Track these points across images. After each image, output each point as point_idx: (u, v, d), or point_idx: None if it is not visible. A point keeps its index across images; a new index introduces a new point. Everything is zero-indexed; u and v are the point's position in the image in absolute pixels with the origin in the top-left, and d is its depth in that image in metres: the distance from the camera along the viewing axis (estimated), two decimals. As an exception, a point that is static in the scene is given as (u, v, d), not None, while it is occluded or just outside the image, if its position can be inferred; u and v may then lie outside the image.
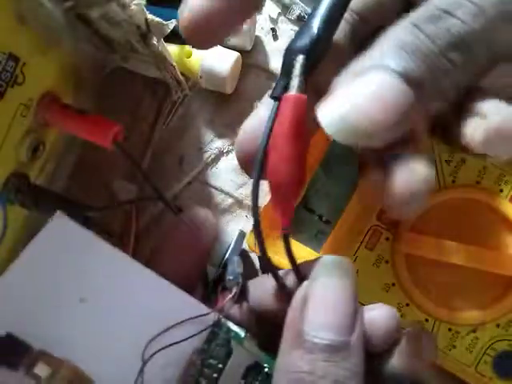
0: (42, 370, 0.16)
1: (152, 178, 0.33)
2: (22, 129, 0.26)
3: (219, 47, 0.33)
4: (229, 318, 0.21)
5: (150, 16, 0.26)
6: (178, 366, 0.19)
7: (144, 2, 0.25)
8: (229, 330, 0.20)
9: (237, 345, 0.20)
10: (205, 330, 0.20)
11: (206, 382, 0.19)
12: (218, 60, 0.32)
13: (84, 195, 0.32)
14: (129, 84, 0.34)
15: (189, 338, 0.19)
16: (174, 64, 0.30)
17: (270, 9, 0.36)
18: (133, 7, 0.24)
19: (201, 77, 0.32)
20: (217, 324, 0.20)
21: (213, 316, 0.20)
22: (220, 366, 0.19)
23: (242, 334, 0.21)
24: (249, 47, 0.35)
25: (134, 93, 0.34)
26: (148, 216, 0.34)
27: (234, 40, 0.34)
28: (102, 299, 0.20)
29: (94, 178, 0.34)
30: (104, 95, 0.33)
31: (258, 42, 0.35)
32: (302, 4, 0.35)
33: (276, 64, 0.35)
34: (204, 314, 0.20)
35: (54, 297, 0.20)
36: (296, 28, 0.35)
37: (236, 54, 0.33)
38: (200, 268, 0.28)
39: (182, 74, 0.32)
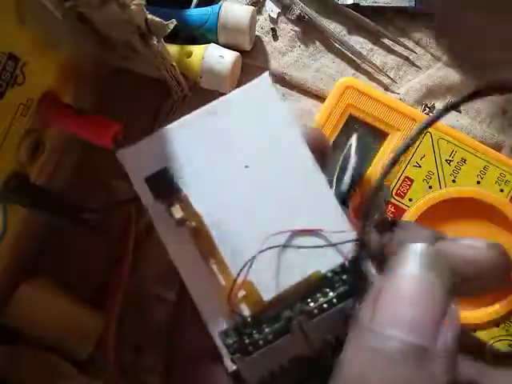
0: (177, 211, 0.18)
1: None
2: (21, 129, 0.26)
3: (219, 47, 0.33)
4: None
5: (149, 16, 0.26)
6: (291, 274, 0.18)
7: (144, 2, 0.25)
8: (360, 274, 0.18)
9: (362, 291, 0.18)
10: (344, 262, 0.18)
11: (314, 306, 0.18)
12: (218, 60, 0.32)
13: (84, 195, 0.32)
14: (129, 84, 0.34)
15: (311, 247, 0.18)
16: (174, 64, 0.30)
17: (270, 9, 0.36)
18: (133, 7, 0.24)
19: (201, 77, 0.32)
20: (354, 260, 0.19)
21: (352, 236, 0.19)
22: (334, 300, 0.18)
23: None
24: (249, 47, 0.35)
25: (134, 93, 0.34)
26: (148, 217, 0.34)
27: (234, 40, 0.34)
28: (261, 173, 0.19)
29: (94, 178, 0.34)
30: (104, 95, 0.33)
31: (257, 42, 0.35)
32: (302, 4, 0.35)
33: (276, 64, 0.35)
34: (349, 241, 0.18)
35: (222, 155, 0.19)
36: (296, 28, 0.36)
37: (236, 54, 0.33)
38: None
39: (182, 74, 0.32)
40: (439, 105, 0.36)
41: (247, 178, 0.19)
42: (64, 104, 0.28)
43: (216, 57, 0.32)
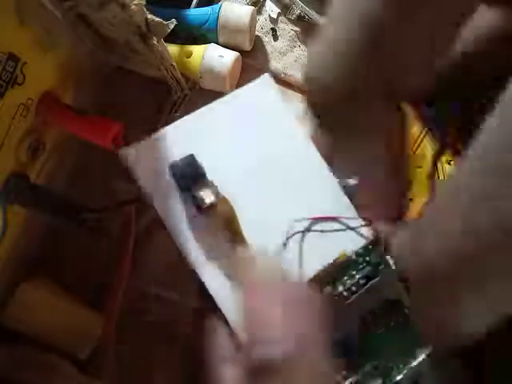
0: (208, 195, 0.18)
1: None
2: (22, 129, 0.26)
3: (219, 47, 0.33)
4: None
5: (150, 16, 0.26)
6: (316, 261, 0.19)
7: (144, 2, 0.25)
8: (381, 256, 0.20)
9: (386, 274, 0.19)
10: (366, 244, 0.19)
11: (342, 288, 0.19)
12: (218, 60, 0.32)
13: (84, 195, 0.32)
14: (129, 84, 0.34)
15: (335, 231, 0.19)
16: (174, 64, 0.30)
17: (270, 9, 0.36)
18: (133, 7, 0.24)
19: (201, 77, 0.32)
20: (374, 243, 0.20)
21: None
22: (362, 281, 0.19)
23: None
24: (249, 47, 0.35)
25: (134, 93, 0.34)
26: (148, 217, 0.34)
27: (234, 40, 0.34)
28: (273, 167, 0.20)
29: (94, 178, 0.33)
30: (104, 95, 0.33)
31: (258, 42, 0.35)
32: (302, 4, 0.35)
33: (276, 64, 0.35)
34: (362, 226, 0.20)
35: (227, 150, 0.20)
36: (296, 28, 0.36)
37: (236, 54, 0.33)
38: None
39: (182, 74, 0.32)
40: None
41: (254, 172, 0.20)
42: (64, 104, 0.28)
43: (216, 57, 0.32)
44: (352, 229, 0.20)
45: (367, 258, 0.20)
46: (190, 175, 0.19)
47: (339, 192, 0.20)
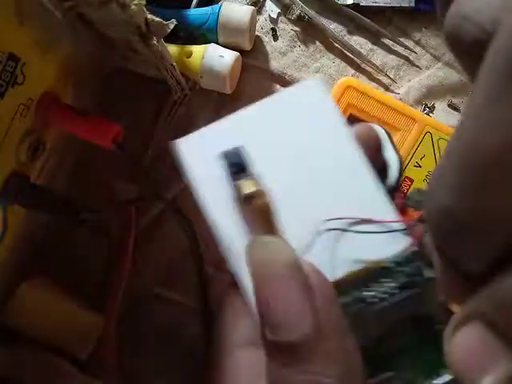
0: (249, 186, 0.18)
1: (152, 178, 0.34)
2: (22, 129, 0.26)
3: (219, 47, 0.33)
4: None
5: (150, 16, 0.26)
6: (349, 261, 0.19)
7: (144, 2, 0.25)
8: (420, 267, 0.18)
9: (422, 287, 0.18)
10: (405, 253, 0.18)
11: (369, 294, 0.18)
12: (218, 60, 0.32)
13: (84, 195, 0.32)
14: (129, 84, 0.34)
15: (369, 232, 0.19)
16: (174, 64, 0.30)
17: (270, 9, 0.36)
18: (133, 7, 0.24)
19: (201, 77, 0.32)
20: (414, 252, 0.19)
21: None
22: (394, 291, 0.18)
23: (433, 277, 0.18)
24: (249, 47, 0.35)
25: (134, 93, 0.34)
26: (148, 217, 0.34)
27: (233, 40, 0.34)
28: (315, 166, 0.20)
29: (94, 178, 0.34)
30: (104, 95, 0.33)
31: (258, 42, 0.35)
32: (302, 4, 0.35)
33: (276, 64, 0.35)
34: (401, 231, 0.19)
35: (276, 145, 0.20)
36: (296, 28, 0.36)
37: (236, 54, 0.33)
38: None
39: (182, 74, 0.32)
40: (439, 105, 0.36)
41: (301, 169, 0.20)
42: (64, 104, 0.28)
43: (216, 57, 0.32)
44: (390, 232, 0.19)
45: (404, 268, 0.18)
46: (237, 165, 0.19)
47: (380, 195, 0.20)
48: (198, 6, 0.35)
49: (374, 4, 0.35)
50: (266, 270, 0.16)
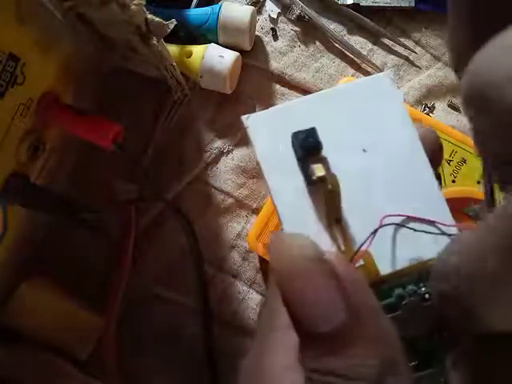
0: (320, 169, 0.19)
1: (152, 178, 0.34)
2: (21, 129, 0.26)
3: (219, 47, 0.33)
4: None
5: (150, 16, 0.26)
6: (408, 256, 0.19)
7: (144, 2, 0.25)
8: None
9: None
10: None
11: (426, 290, 0.18)
12: (218, 60, 0.32)
13: (84, 195, 0.32)
14: (129, 84, 0.34)
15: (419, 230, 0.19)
16: (174, 64, 0.30)
17: (270, 9, 0.36)
18: (133, 7, 0.24)
19: (201, 77, 0.32)
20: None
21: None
22: (427, 296, 0.18)
23: None
24: (249, 47, 0.35)
25: (134, 93, 0.34)
26: (148, 217, 0.34)
27: (233, 40, 0.34)
28: (377, 159, 0.20)
29: (94, 178, 0.34)
30: (104, 95, 0.33)
31: (258, 42, 0.35)
32: (302, 4, 0.35)
33: (276, 64, 0.35)
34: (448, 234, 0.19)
35: (341, 135, 0.21)
36: (296, 28, 0.36)
37: (236, 54, 0.33)
38: None
39: (182, 74, 0.32)
40: (439, 105, 0.36)
41: (364, 160, 0.20)
42: (64, 104, 0.28)
43: (216, 57, 0.32)
44: (449, 235, 0.19)
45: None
46: (309, 147, 0.19)
47: (440, 196, 0.20)
48: (198, 5, 0.35)
49: (374, 4, 0.35)
50: (291, 266, 0.16)
